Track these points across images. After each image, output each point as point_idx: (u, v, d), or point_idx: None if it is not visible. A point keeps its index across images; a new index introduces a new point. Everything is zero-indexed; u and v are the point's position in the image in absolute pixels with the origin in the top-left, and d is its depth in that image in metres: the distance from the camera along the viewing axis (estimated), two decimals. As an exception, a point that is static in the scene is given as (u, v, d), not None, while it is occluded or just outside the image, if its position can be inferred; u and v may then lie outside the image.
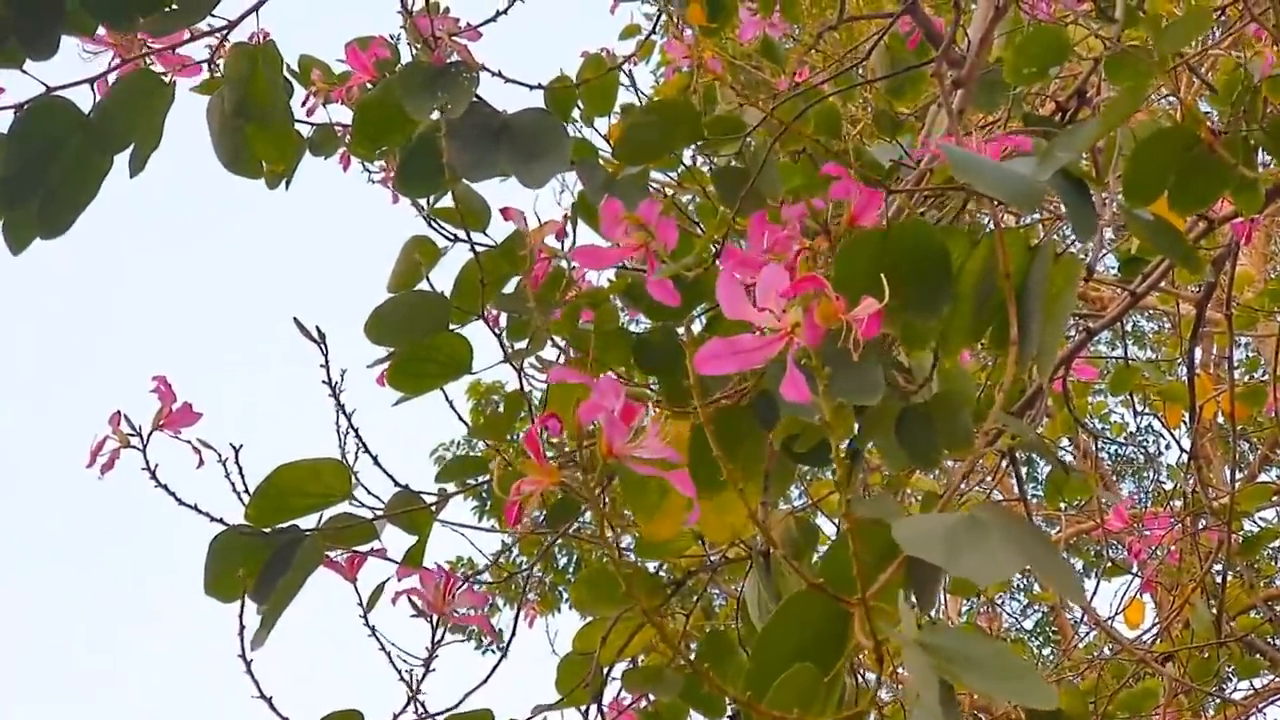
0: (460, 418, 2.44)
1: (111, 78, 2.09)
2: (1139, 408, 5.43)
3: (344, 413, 2.21)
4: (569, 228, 2.29)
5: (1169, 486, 7.74)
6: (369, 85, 2.54)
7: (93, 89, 2.06)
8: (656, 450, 1.36)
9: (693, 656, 2.55)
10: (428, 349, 2.12)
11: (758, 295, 1.28)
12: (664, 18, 4.93)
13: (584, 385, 1.37)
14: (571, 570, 9.42)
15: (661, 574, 2.48)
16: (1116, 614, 4.48)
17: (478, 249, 2.21)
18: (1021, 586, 10.17)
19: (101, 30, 2.08)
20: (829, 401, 1.22)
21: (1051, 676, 4.68)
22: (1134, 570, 4.32)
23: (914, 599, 1.53)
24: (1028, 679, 1.15)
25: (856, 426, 1.89)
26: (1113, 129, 1.74)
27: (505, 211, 2.25)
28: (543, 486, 1.35)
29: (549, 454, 1.38)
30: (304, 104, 2.83)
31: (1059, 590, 1.37)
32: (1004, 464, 3.70)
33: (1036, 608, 10.06)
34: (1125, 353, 4.60)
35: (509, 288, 2.28)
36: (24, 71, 1.98)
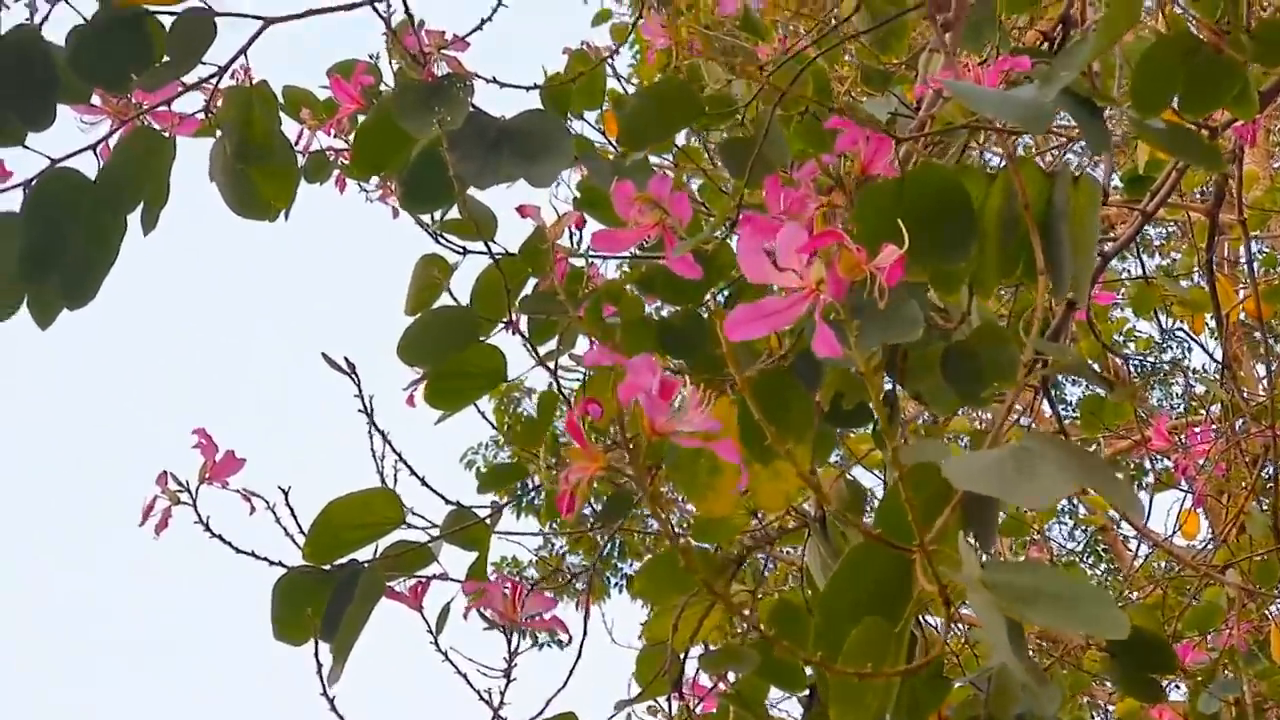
0: (494, 426, 2.45)
1: (113, 141, 2.10)
2: (1161, 319, 5.41)
3: (386, 440, 2.21)
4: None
5: (1199, 390, 7.73)
6: (359, 112, 2.54)
7: (96, 155, 2.07)
8: (699, 423, 1.35)
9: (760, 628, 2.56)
10: (462, 364, 2.12)
11: (778, 255, 1.28)
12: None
13: (619, 367, 1.37)
14: (617, 555, 9.43)
15: (718, 552, 2.48)
16: (1174, 533, 4.47)
17: (496, 256, 2.22)
18: (1067, 510, 10.14)
19: (95, 98, 2.10)
20: (862, 353, 1.22)
21: (1114, 596, 4.67)
22: (1183, 486, 4.32)
23: (973, 540, 1.53)
24: (1097, 607, 1.15)
25: (890, 379, 1.89)
26: (1113, 42, 1.74)
27: (522, 209, 2.25)
28: (590, 472, 1.35)
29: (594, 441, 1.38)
30: (298, 141, 2.84)
31: (1117, 505, 1.38)
32: (1037, 397, 3.70)
33: (1084, 530, 10.04)
34: (1143, 271, 4.59)
35: (526, 292, 2.28)
36: (26, 147, 1.99)
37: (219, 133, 2.26)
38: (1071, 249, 1.54)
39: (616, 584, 9.59)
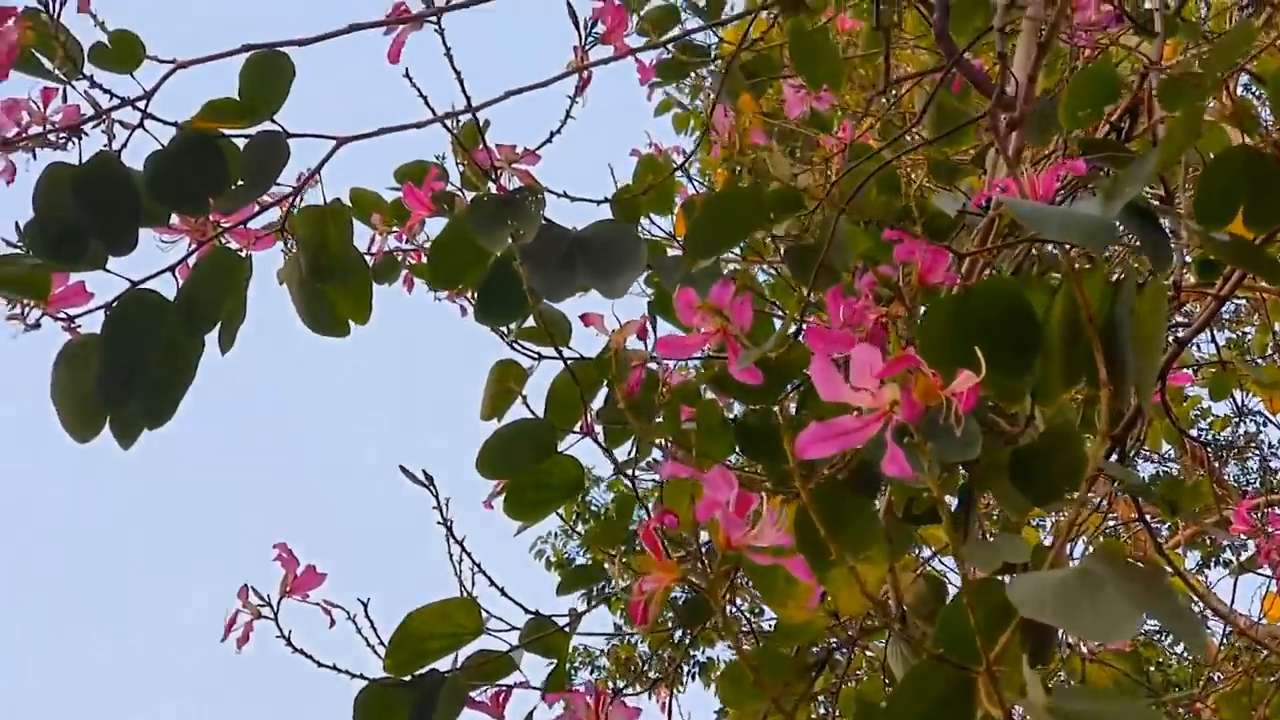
0: (562, 519, 2.46)
1: (191, 261, 2.14)
2: (1236, 396, 5.35)
3: (463, 549, 2.23)
4: (649, 326, 2.31)
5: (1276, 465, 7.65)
6: (432, 216, 2.57)
7: (174, 275, 2.11)
8: (774, 538, 1.36)
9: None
10: (541, 474, 2.14)
11: (853, 376, 1.28)
12: (702, 94, 4.96)
13: (696, 481, 1.37)
14: (689, 643, 9.32)
15: (799, 654, 2.47)
16: (1260, 619, 4.41)
17: (569, 363, 2.23)
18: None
19: (174, 219, 2.14)
20: (934, 476, 1.23)
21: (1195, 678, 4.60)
22: (1265, 570, 4.25)
23: (1031, 653, 1.52)
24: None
25: (966, 476, 1.89)
26: (1177, 157, 1.74)
27: (586, 318, 2.27)
28: (665, 583, 1.35)
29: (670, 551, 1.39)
30: (370, 246, 2.86)
31: (1182, 638, 1.37)
32: (1115, 485, 3.67)
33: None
34: (1216, 347, 4.56)
35: (601, 396, 2.30)
36: (107, 270, 2.03)
37: (290, 244, 2.30)
38: (1135, 357, 1.54)
39: (690, 672, 9.50)
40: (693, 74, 3.44)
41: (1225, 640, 5.13)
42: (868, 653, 3.81)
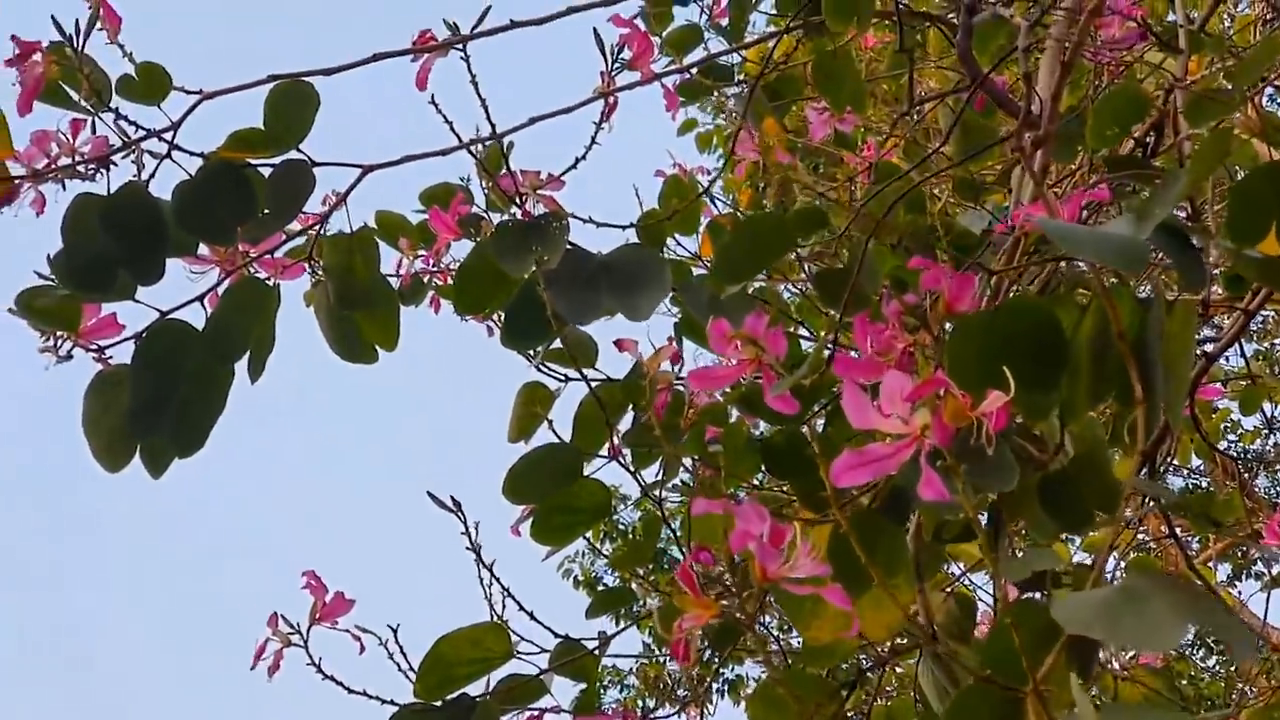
0: (599, 549, 2.46)
1: (219, 290, 2.14)
2: (1266, 408, 5.34)
3: (493, 574, 2.23)
4: (677, 346, 2.31)
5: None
6: (454, 241, 2.57)
7: (203, 305, 2.11)
8: (809, 569, 1.36)
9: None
10: (568, 499, 2.14)
11: (883, 401, 1.28)
12: (724, 112, 4.96)
13: (728, 515, 1.37)
14: (718, 661, 9.28)
15: (830, 676, 2.47)
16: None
17: (594, 385, 2.23)
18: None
19: (203, 248, 2.14)
20: (969, 499, 1.23)
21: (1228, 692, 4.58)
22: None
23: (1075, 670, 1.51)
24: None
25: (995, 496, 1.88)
26: (1206, 177, 1.73)
27: (620, 344, 2.27)
28: (703, 621, 1.36)
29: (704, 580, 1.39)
30: (397, 268, 2.87)
31: (1231, 647, 1.37)
32: (1147, 501, 3.66)
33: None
34: (1244, 358, 4.55)
35: (628, 419, 2.29)
36: (136, 300, 2.04)
37: (316, 270, 2.30)
38: (1165, 375, 1.53)
39: (719, 689, 9.46)
40: (716, 93, 3.43)
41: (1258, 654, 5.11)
42: (897, 669, 3.81)
